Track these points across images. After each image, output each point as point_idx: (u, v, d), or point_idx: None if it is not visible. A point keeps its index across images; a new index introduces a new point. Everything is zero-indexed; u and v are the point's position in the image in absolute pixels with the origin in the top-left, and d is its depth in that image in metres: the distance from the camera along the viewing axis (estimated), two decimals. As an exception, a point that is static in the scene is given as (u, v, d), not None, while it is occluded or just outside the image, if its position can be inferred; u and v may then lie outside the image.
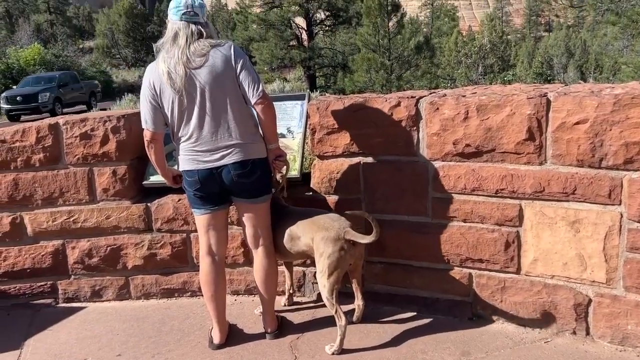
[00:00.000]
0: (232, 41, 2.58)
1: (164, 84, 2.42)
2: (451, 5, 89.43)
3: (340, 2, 30.70)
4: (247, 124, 2.52)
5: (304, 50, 30.37)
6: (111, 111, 3.45)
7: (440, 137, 2.62)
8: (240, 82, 2.45)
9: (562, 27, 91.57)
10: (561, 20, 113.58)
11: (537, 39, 72.98)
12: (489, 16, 29.60)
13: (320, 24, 33.07)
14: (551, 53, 50.81)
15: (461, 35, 23.95)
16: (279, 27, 30.56)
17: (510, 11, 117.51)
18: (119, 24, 46.02)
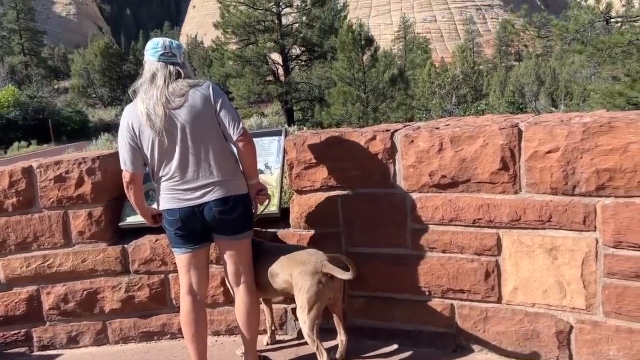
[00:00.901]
0: (209, 78, 2.61)
1: (143, 125, 2.42)
2: (423, 37, 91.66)
3: (315, 37, 31.23)
4: (228, 160, 2.54)
5: (280, 85, 30.69)
6: (86, 152, 3.42)
7: (416, 169, 2.65)
8: (220, 120, 2.47)
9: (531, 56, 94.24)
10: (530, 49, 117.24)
11: (508, 69, 75.00)
12: (461, 47, 30.39)
13: (296, 59, 33.53)
14: (522, 82, 52.18)
15: (434, 67, 24.53)
16: (255, 63, 30.89)
17: (480, 42, 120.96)
18: (94, 63, 46.12)
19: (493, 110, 14.00)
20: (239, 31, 30.35)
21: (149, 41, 2.59)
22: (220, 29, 30.75)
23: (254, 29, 30.36)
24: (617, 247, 2.21)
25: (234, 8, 29.95)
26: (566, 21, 15.46)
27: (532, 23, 15.36)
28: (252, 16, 29.54)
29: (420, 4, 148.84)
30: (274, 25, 30.57)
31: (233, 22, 29.57)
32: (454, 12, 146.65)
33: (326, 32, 32.05)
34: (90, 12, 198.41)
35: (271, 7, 30.22)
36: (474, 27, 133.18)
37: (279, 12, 30.67)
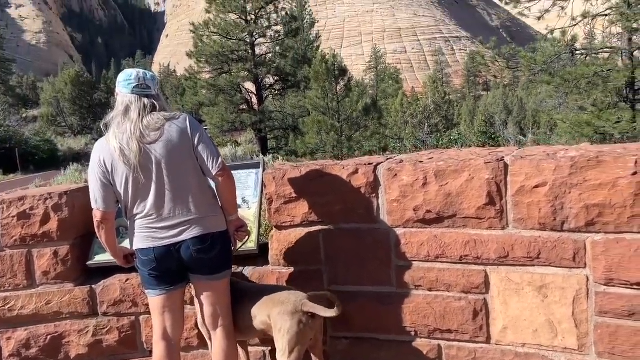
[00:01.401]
0: (182, 107, 2.51)
1: (116, 160, 2.30)
2: (394, 68, 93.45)
3: (289, 67, 31.47)
4: (206, 196, 2.43)
5: (254, 114, 30.67)
6: (53, 187, 3.25)
7: (401, 204, 2.57)
8: (198, 154, 2.37)
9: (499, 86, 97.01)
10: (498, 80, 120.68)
11: (477, 98, 76.88)
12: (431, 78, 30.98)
13: (270, 88, 33.65)
14: (491, 111, 53.45)
15: (406, 97, 24.87)
16: (228, 92, 30.88)
17: (449, 72, 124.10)
18: (64, 92, 45.46)
19: (465, 140, 14.19)
20: (213, 60, 30.36)
21: (121, 72, 2.48)
22: (193, 58, 30.72)
23: (228, 59, 30.43)
24: (609, 285, 2.15)
25: (207, 38, 30.02)
26: (533, 53, 15.93)
27: (501, 55, 15.75)
28: (225, 46, 29.62)
29: (390, 36, 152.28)
30: (247, 54, 30.71)
31: (206, 52, 29.58)
32: (423, 43, 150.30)
33: (299, 62, 32.40)
34: (61, 41, 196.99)
35: (245, 37, 30.39)
36: (443, 58, 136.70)
37: (252, 42, 30.86)
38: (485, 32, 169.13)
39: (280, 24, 31.25)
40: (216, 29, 30.38)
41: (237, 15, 30.49)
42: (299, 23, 38.39)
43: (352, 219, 2.71)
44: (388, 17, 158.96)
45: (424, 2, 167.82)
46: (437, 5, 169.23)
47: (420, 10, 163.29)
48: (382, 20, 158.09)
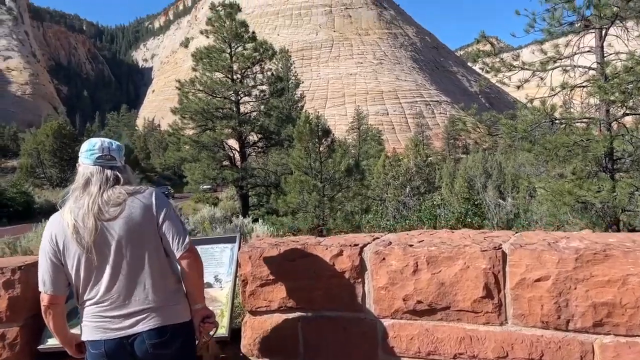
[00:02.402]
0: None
1: (69, 238, 2.05)
2: (376, 129, 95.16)
3: (273, 126, 31.74)
4: (167, 281, 2.16)
5: (236, 171, 30.55)
6: (7, 259, 2.96)
7: (389, 292, 2.34)
8: (162, 233, 2.13)
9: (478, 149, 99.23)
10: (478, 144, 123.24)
11: (457, 161, 78.24)
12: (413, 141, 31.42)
13: (253, 145, 33.76)
14: (471, 174, 54.26)
15: (388, 159, 25.07)
16: (211, 148, 30.87)
17: (430, 135, 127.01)
18: (45, 143, 45.10)
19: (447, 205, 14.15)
20: (197, 117, 30.46)
21: (84, 142, 2.27)
22: (178, 114, 30.82)
23: (212, 116, 30.58)
24: (622, 395, 1.92)
25: (192, 95, 30.26)
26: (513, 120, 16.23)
27: (483, 121, 15.99)
28: (210, 103, 29.83)
29: (373, 98, 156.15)
30: (232, 112, 30.94)
31: (191, 108, 29.71)
32: (405, 106, 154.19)
33: (284, 120, 32.76)
34: (46, 93, 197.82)
35: (230, 96, 30.72)
36: (423, 120, 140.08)
37: (237, 100, 31.20)
38: (464, 97, 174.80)
39: (265, 83, 31.76)
40: (202, 86, 30.76)
41: (224, 74, 30.96)
42: (284, 83, 39.11)
43: (335, 306, 2.47)
44: (371, 80, 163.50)
45: (406, 67, 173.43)
46: (418, 71, 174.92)
47: (402, 74, 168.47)
48: (365, 83, 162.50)
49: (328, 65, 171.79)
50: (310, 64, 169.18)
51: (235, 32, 30.78)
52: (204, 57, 30.69)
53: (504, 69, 16.62)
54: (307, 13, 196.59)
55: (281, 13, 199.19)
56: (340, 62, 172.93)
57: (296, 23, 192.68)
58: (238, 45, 31.13)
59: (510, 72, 16.56)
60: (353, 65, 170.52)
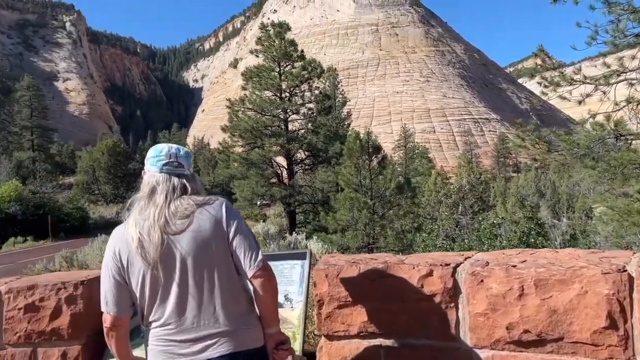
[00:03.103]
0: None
1: (133, 253, 1.87)
2: (423, 147, 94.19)
3: (320, 143, 31.77)
4: (239, 303, 1.95)
5: (284, 188, 30.63)
6: (70, 274, 2.83)
7: (489, 319, 2.05)
8: (233, 249, 1.92)
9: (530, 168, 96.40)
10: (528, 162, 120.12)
11: (507, 179, 76.27)
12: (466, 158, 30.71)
13: (301, 163, 33.86)
14: (523, 193, 52.59)
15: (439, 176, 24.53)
16: (260, 165, 31.13)
17: (479, 153, 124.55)
18: (100, 161, 46.65)
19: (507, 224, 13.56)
20: (246, 135, 30.83)
21: (151, 148, 2.10)
22: (228, 132, 31.26)
23: (261, 133, 30.87)
24: None
25: (242, 113, 30.69)
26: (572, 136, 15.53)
27: (541, 137, 15.36)
28: (259, 121, 30.13)
29: (419, 115, 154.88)
30: (280, 130, 31.17)
31: (241, 126, 30.08)
32: (452, 124, 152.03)
33: (331, 138, 32.79)
34: (102, 112, 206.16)
35: (279, 114, 30.98)
36: (472, 138, 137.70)
37: (286, 118, 31.44)
38: (514, 114, 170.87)
39: (313, 101, 31.91)
40: (251, 105, 31.14)
41: (272, 92, 31.32)
42: (332, 101, 39.21)
43: (423, 334, 2.19)
44: (417, 98, 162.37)
45: (453, 84, 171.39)
46: (466, 88, 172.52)
47: (450, 92, 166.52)
48: (412, 101, 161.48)
49: (374, 84, 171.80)
50: (356, 82, 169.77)
51: (284, 51, 31.15)
52: (253, 76, 31.13)
53: (564, 83, 15.98)
54: (353, 32, 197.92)
55: (328, 33, 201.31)
56: (386, 80, 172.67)
57: (342, 42, 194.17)
58: (287, 64, 31.47)
59: (570, 86, 15.92)
60: (399, 83, 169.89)
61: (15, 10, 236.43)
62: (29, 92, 61.76)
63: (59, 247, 22.77)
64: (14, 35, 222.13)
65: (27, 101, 61.58)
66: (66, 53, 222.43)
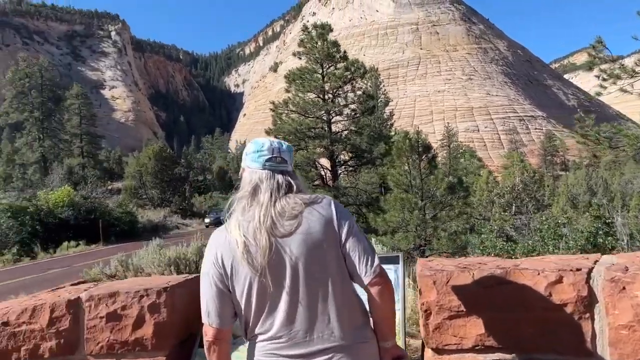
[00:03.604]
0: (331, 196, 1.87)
1: (239, 259, 1.68)
2: (467, 146, 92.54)
3: (364, 144, 31.55)
4: (354, 313, 1.74)
5: (329, 190, 30.47)
6: (149, 279, 2.69)
7: (635, 332, 1.77)
8: (346, 252, 1.71)
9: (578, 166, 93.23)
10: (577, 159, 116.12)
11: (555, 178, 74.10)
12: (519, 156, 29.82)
13: (344, 164, 33.68)
14: (574, 192, 50.76)
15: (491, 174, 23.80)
16: (304, 167, 31.10)
17: (524, 151, 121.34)
18: (147, 166, 47.61)
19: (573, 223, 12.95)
20: (290, 137, 30.84)
21: (249, 143, 1.91)
22: (272, 135, 31.33)
23: (305, 135, 30.84)
24: None
25: (286, 116, 30.73)
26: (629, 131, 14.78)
27: (602, 132, 14.66)
28: (303, 123, 30.08)
29: (462, 114, 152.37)
30: (324, 132, 31.05)
31: (285, 129, 30.11)
32: (497, 122, 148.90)
33: (375, 139, 32.52)
34: (147, 119, 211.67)
35: (322, 115, 30.88)
36: (517, 136, 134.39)
37: (329, 119, 31.32)
38: (561, 111, 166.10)
39: (356, 102, 31.71)
40: (295, 107, 31.15)
41: (316, 94, 31.27)
42: (375, 101, 38.93)
43: (553, 348, 1.93)
44: (460, 97, 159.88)
45: (497, 82, 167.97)
46: (510, 85, 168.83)
47: (494, 89, 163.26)
48: (454, 100, 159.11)
49: (415, 83, 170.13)
50: (396, 82, 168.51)
51: (327, 52, 31.04)
52: (296, 79, 31.15)
53: (625, 76, 15.25)
54: (393, 32, 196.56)
55: (367, 34, 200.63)
56: (427, 80, 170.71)
57: (382, 43, 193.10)
58: (330, 65, 31.35)
59: (632, 78, 15.18)
60: (441, 82, 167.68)
61: (64, 22, 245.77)
62: (78, 100, 63.81)
63: (111, 250, 23.33)
64: (63, 46, 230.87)
65: (76, 109, 63.65)
66: (112, 62, 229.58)
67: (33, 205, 26.83)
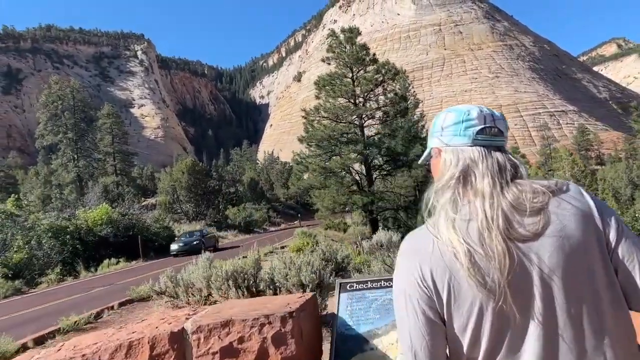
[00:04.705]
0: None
1: (460, 276, 1.16)
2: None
3: (399, 147, 30.94)
4: (631, 348, 1.18)
5: (365, 195, 29.91)
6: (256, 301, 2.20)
7: None
8: (620, 260, 1.18)
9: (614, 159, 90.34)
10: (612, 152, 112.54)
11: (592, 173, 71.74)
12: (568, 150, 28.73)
13: (379, 168, 33.09)
14: (615, 185, 48.98)
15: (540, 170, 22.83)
16: (339, 174, 30.67)
17: (557, 147, 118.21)
18: (181, 180, 47.79)
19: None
20: (323, 144, 30.43)
21: (443, 112, 1.39)
22: (304, 142, 30.97)
23: (338, 141, 30.40)
24: None
25: (317, 122, 30.32)
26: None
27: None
28: (336, 129, 29.64)
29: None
30: (357, 136, 30.55)
31: (317, 136, 29.71)
32: (527, 119, 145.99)
33: (409, 141, 31.89)
34: (176, 134, 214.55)
35: (354, 120, 30.41)
36: (549, 132, 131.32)
37: (361, 124, 30.83)
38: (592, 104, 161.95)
39: (388, 105, 31.13)
40: (326, 113, 30.73)
41: (346, 98, 30.83)
42: (407, 103, 38.29)
43: None
44: (487, 95, 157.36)
45: (525, 78, 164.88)
46: (539, 81, 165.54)
47: (522, 86, 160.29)
48: (482, 98, 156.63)
49: (440, 84, 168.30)
50: (422, 84, 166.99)
51: (356, 56, 30.58)
52: (326, 84, 30.76)
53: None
54: (415, 35, 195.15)
55: (389, 37, 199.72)
56: (453, 80, 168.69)
57: (405, 45, 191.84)
58: (359, 68, 30.89)
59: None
60: (467, 81, 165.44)
61: (92, 44, 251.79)
62: (109, 120, 64.79)
63: (152, 266, 23.17)
64: (92, 68, 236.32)
65: (108, 128, 64.62)
66: (139, 80, 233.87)
67: (73, 224, 26.94)
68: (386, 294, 2.14)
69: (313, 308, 1.81)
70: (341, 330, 2.00)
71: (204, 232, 31.95)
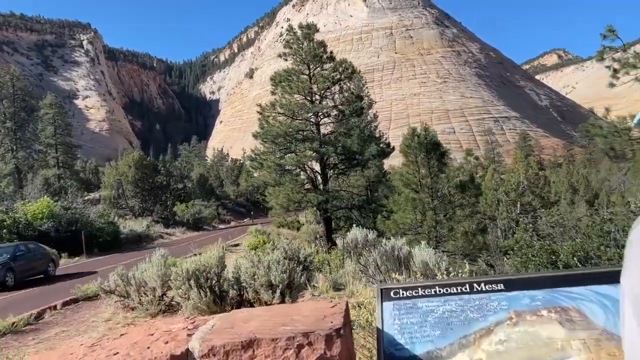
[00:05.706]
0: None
1: None
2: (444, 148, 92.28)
3: (355, 145, 30.75)
4: None
5: (320, 193, 29.58)
6: (280, 309, 1.71)
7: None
8: None
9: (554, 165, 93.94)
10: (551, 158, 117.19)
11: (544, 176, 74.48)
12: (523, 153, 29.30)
13: (334, 167, 32.85)
14: (556, 190, 50.82)
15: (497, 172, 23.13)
16: (293, 171, 30.23)
17: (500, 152, 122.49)
18: (127, 174, 45.98)
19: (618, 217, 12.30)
20: (279, 140, 29.86)
21: None
22: (259, 138, 30.30)
23: (294, 138, 29.90)
24: None
25: (273, 119, 29.74)
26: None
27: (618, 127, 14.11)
28: (292, 126, 29.13)
29: (438, 117, 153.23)
30: (313, 134, 30.14)
31: (273, 132, 29.11)
32: (472, 124, 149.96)
33: (365, 140, 31.81)
34: (122, 128, 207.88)
35: (310, 117, 29.98)
36: (492, 137, 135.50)
37: (317, 121, 30.44)
38: (534, 111, 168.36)
39: (345, 103, 30.89)
40: (282, 109, 30.22)
41: (303, 95, 30.40)
42: (363, 102, 38.28)
43: None
44: (435, 99, 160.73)
45: (471, 84, 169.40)
46: (484, 87, 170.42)
47: (468, 91, 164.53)
48: (430, 102, 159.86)
49: (390, 87, 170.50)
50: (372, 86, 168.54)
51: (314, 53, 30.18)
52: (282, 80, 30.22)
53: (640, 65, 14.75)
54: (367, 37, 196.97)
55: (342, 39, 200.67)
56: (402, 83, 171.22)
57: (357, 47, 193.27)
58: (317, 66, 30.49)
59: (642, 68, 14.68)
60: (416, 85, 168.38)
61: (34, 31, 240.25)
62: (52, 110, 61.63)
63: (95, 263, 21.97)
64: (34, 56, 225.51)
65: (50, 119, 61.46)
66: (84, 71, 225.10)
67: (10, 217, 25.23)
68: (445, 303, 1.69)
69: (349, 320, 1.35)
70: (390, 351, 1.54)
71: (20, 249, 18.23)
